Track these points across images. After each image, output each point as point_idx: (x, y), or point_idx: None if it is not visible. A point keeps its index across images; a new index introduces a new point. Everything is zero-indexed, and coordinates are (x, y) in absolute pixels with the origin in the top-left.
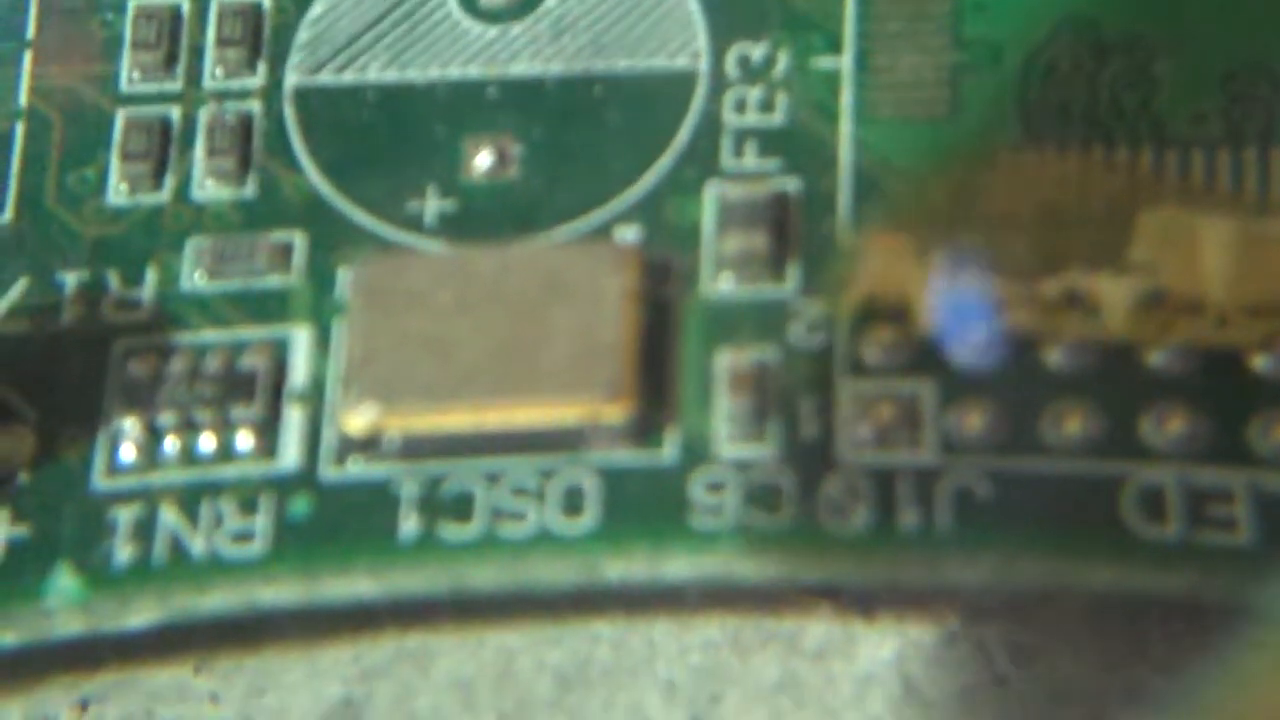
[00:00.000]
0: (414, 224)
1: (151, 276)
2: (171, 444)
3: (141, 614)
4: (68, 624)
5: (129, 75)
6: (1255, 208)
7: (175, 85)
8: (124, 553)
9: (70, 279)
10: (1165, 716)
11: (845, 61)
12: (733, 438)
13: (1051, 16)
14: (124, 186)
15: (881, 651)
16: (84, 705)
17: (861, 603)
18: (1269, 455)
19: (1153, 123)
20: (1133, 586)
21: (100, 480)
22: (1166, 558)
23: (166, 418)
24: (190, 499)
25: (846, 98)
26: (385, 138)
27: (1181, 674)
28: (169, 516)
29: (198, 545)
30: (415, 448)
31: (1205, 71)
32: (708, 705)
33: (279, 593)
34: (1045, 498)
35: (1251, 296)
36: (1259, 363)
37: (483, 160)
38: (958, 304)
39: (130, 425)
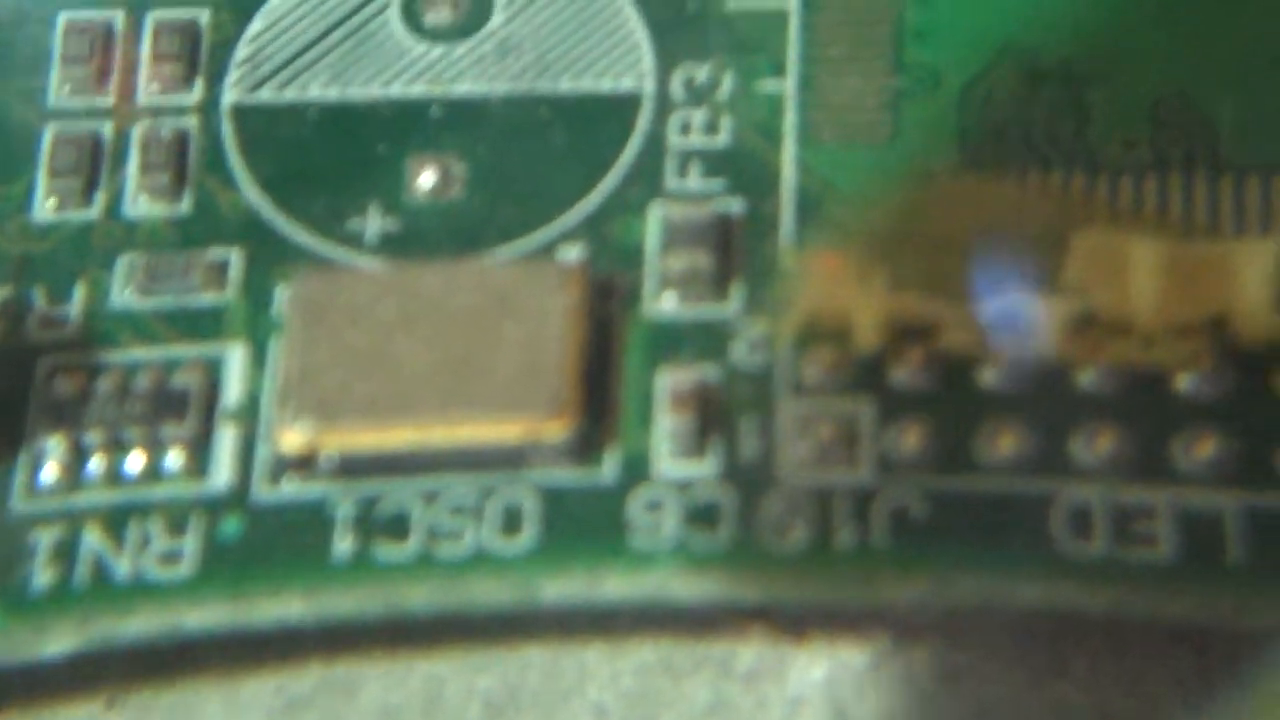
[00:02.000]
0: (355, 242)
1: (80, 293)
2: (98, 463)
3: (59, 641)
4: None
5: (58, 90)
6: (1181, 231)
7: (107, 100)
8: (43, 576)
9: None
10: None
11: (789, 85)
12: (673, 456)
13: (990, 45)
14: (51, 202)
15: (812, 673)
16: None
17: (793, 624)
18: (1189, 473)
19: (1085, 149)
20: (1060, 603)
21: (20, 502)
22: (1092, 574)
23: (93, 436)
24: (116, 520)
25: (790, 120)
26: (326, 156)
27: (1103, 693)
28: (93, 538)
29: (122, 568)
30: (352, 466)
31: (1134, 100)
32: None
33: (206, 616)
34: (978, 516)
35: (1178, 317)
36: (1182, 382)
37: (426, 179)
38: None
39: (54, 444)
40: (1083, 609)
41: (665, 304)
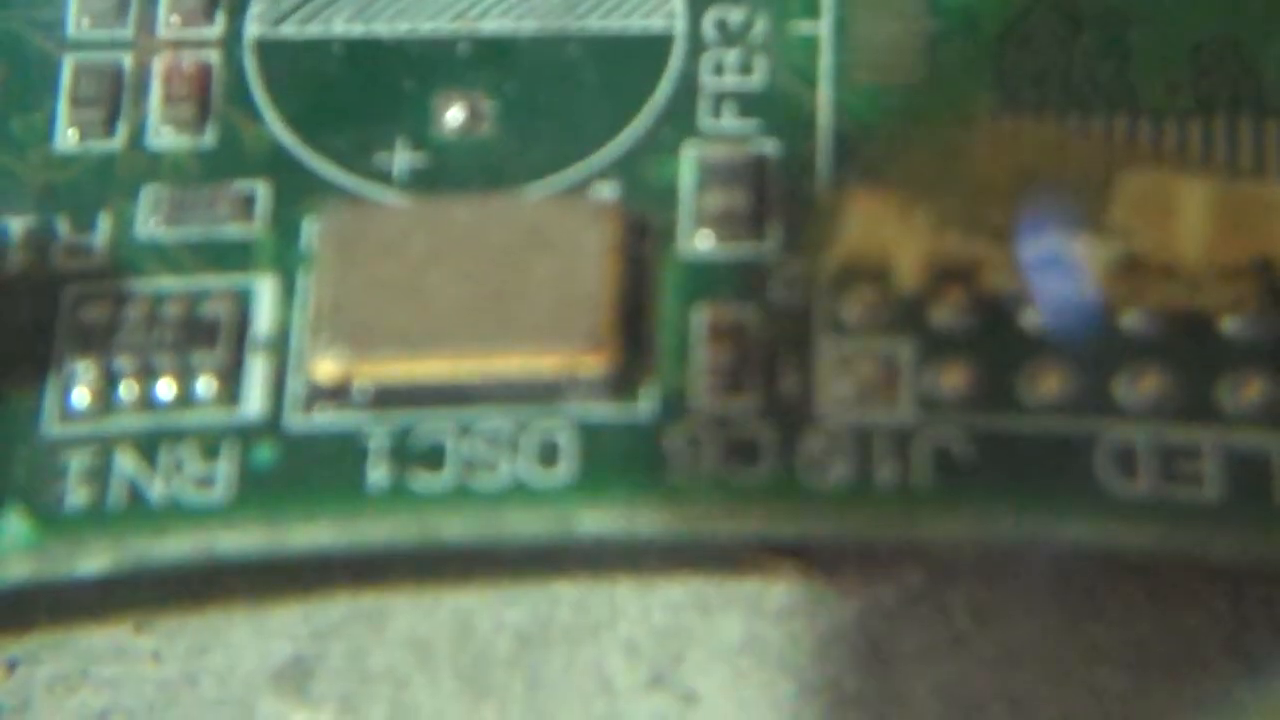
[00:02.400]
0: (382, 177)
1: (105, 223)
2: (128, 389)
3: (93, 560)
4: (16, 569)
5: (77, 21)
6: (1226, 174)
7: (126, 33)
8: (77, 497)
9: (16, 225)
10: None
11: (823, 26)
12: (711, 392)
13: None
14: (73, 132)
15: (844, 612)
16: (11, 666)
17: (828, 562)
18: (1235, 414)
19: (1127, 92)
20: (1104, 542)
21: (52, 426)
22: (1137, 513)
23: (123, 362)
24: (148, 445)
25: (825, 62)
26: (352, 91)
27: (1137, 634)
28: (125, 462)
29: (156, 490)
30: (386, 397)
31: (1177, 43)
32: (670, 665)
33: (240, 541)
34: (1021, 456)
35: (1225, 258)
36: (1228, 325)
37: (454, 116)
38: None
39: (84, 370)
40: (1127, 548)
41: (700, 243)
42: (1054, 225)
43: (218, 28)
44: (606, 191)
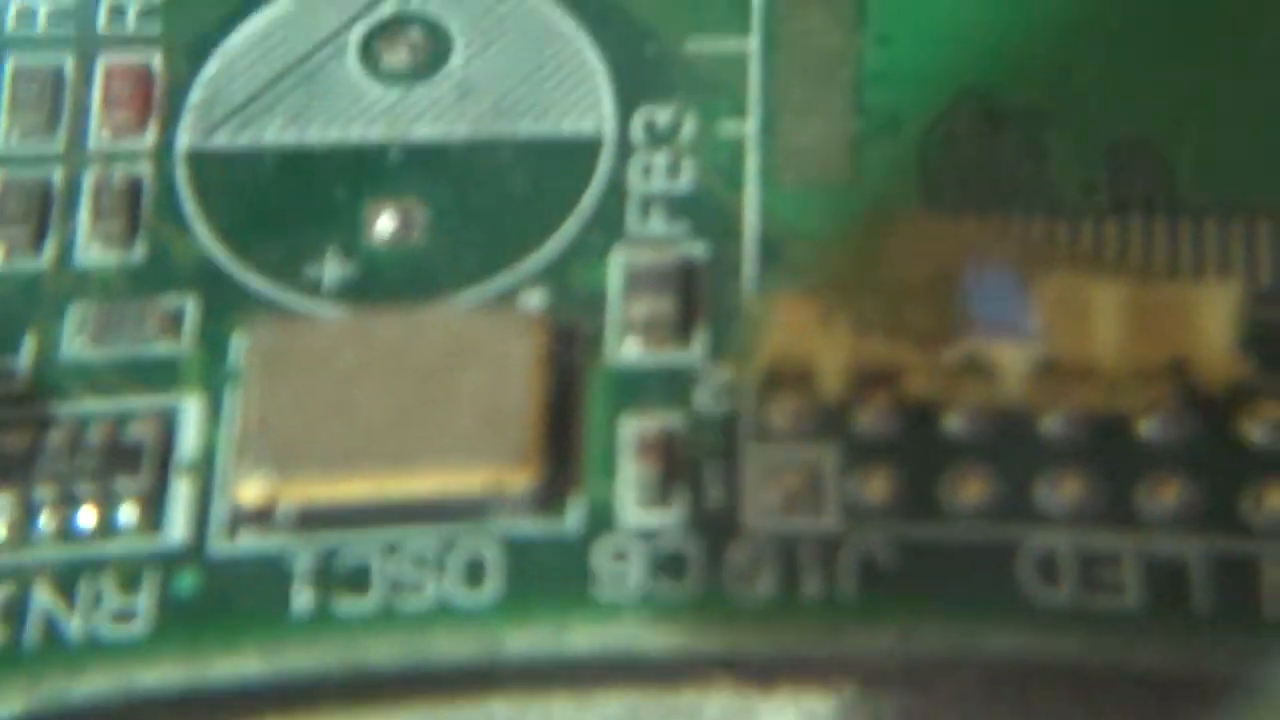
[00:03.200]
0: (313, 289)
1: (30, 344)
2: (48, 519)
3: (8, 703)
4: None
5: (6, 135)
6: (1141, 274)
7: (57, 146)
8: None
9: None
10: None
11: (750, 127)
12: (638, 505)
13: (949, 87)
14: (0, 250)
15: None
16: None
17: (761, 674)
18: (1154, 518)
19: (1045, 191)
20: (1027, 652)
21: None
22: (1059, 623)
23: (43, 492)
24: (67, 577)
25: (752, 163)
26: (283, 201)
27: None
28: (42, 596)
29: (74, 626)
30: (311, 518)
31: (1092, 143)
32: None
33: (161, 676)
34: (945, 564)
35: (1139, 361)
36: (1145, 427)
37: (385, 224)
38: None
39: (2, 502)
40: (1050, 657)
41: (628, 350)
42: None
43: (149, 139)
44: (535, 300)
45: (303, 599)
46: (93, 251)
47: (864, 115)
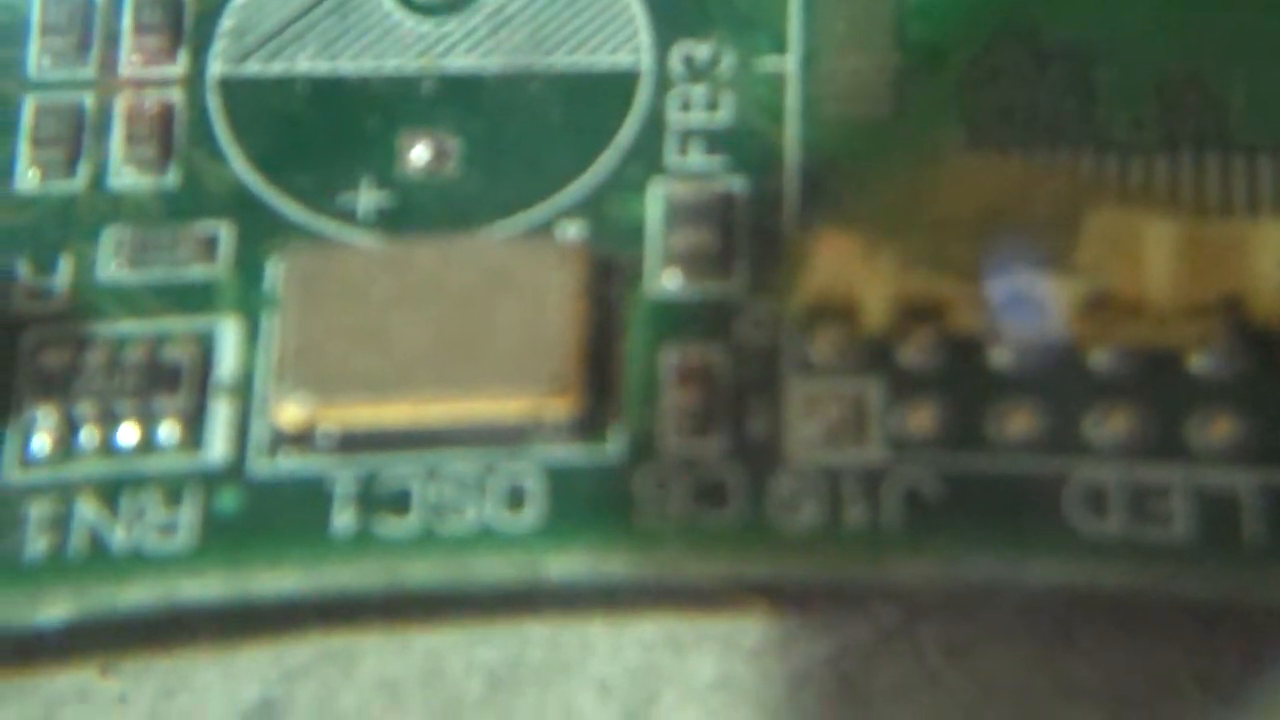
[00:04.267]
0: (347, 217)
1: (66, 266)
2: (89, 435)
3: (54, 608)
4: None
5: (38, 61)
6: (1193, 211)
7: (88, 72)
8: (37, 545)
9: None
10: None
11: (790, 62)
12: (679, 434)
13: (992, 22)
14: (34, 173)
15: (817, 649)
16: None
17: (800, 601)
18: (1203, 452)
19: (1092, 128)
20: (1074, 582)
21: (11, 473)
22: (1107, 553)
23: (84, 408)
24: (110, 492)
25: (791, 98)
26: (316, 130)
27: (1112, 669)
28: (86, 509)
29: (118, 538)
30: (351, 441)
31: (1141, 79)
32: (642, 704)
33: (203, 588)
34: (990, 496)
35: (1192, 297)
36: (1195, 362)
37: (419, 155)
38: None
39: (44, 415)
40: (1097, 588)
41: (668, 282)
42: (1020, 265)
43: (180, 66)
44: (572, 232)
45: (343, 519)
46: (126, 176)
47: (906, 50)
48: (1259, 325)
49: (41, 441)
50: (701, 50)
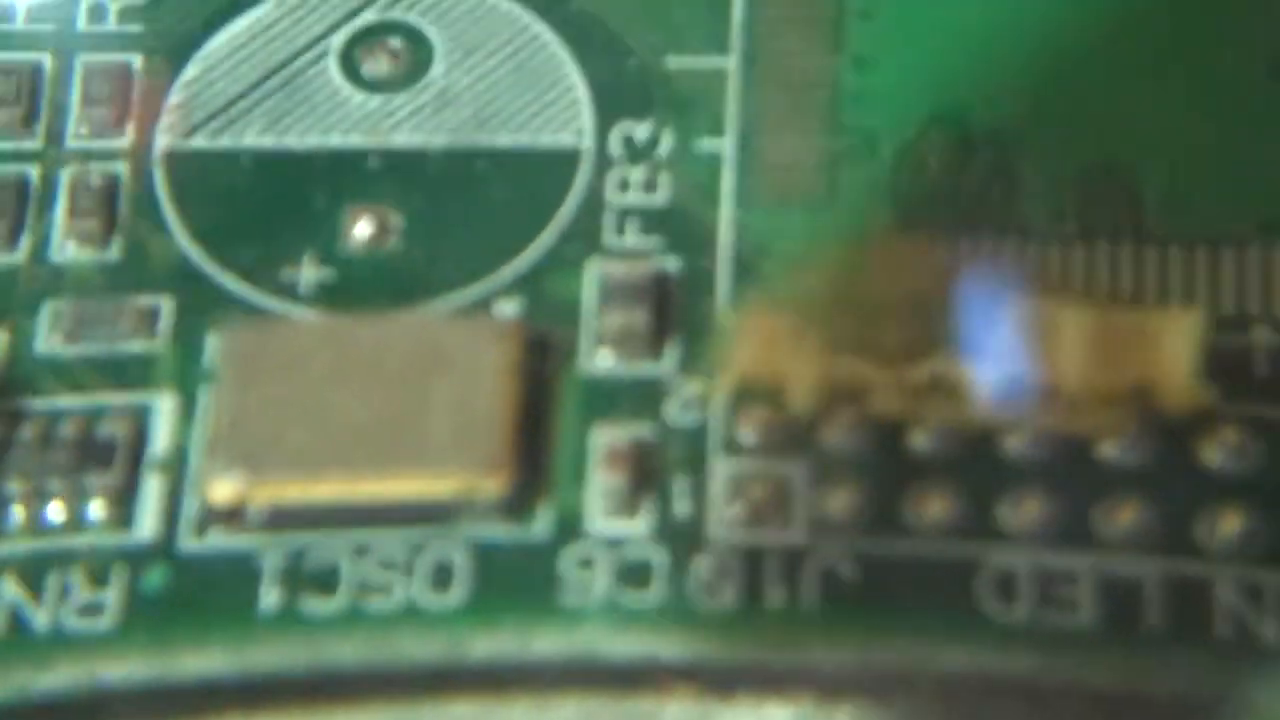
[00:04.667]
0: (288, 292)
1: (3, 339)
2: (17, 513)
3: None
4: None
5: None
6: (1107, 300)
7: (35, 144)
8: None
9: None
10: None
11: (727, 144)
12: (606, 514)
13: (923, 111)
14: None
15: None
16: None
17: (721, 683)
18: (1110, 539)
19: (1015, 216)
20: (984, 667)
21: None
22: (1015, 639)
23: (13, 486)
24: (35, 570)
25: (727, 180)
26: (261, 204)
27: None
28: (9, 588)
29: (41, 619)
30: (281, 518)
31: (1062, 169)
32: None
33: (127, 670)
34: (906, 579)
35: (1102, 385)
36: (1106, 449)
37: (362, 230)
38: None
39: None
40: (1006, 673)
41: (601, 361)
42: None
43: (127, 139)
44: (509, 309)
45: (270, 598)
46: (69, 249)
47: (840, 135)
48: (1168, 414)
49: None
50: (641, 130)
